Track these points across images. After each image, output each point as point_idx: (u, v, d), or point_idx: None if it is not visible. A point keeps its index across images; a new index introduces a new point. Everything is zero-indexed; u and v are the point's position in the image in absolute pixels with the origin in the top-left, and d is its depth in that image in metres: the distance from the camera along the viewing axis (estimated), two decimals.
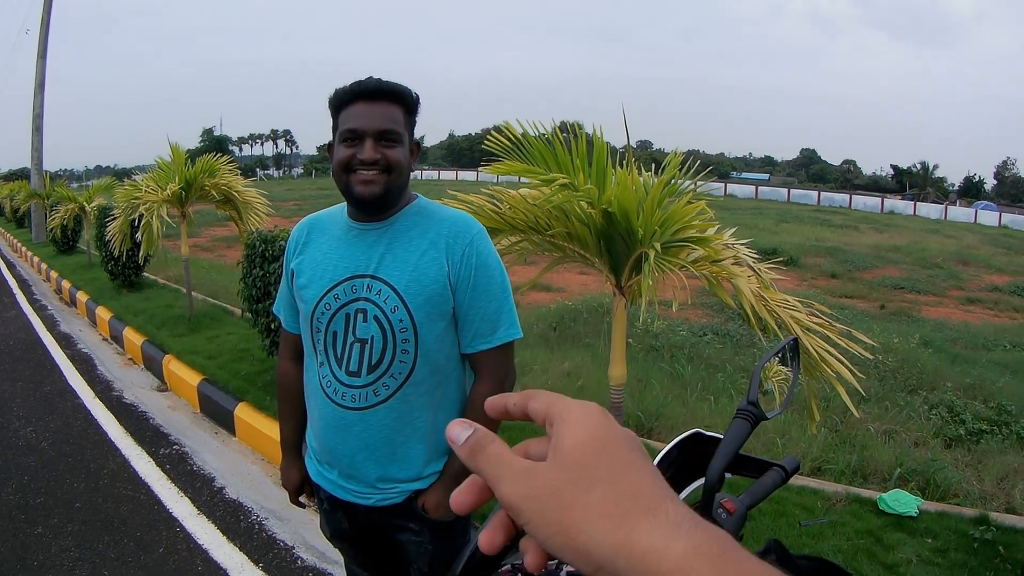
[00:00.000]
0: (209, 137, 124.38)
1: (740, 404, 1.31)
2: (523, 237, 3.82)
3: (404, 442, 2.12)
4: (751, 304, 3.31)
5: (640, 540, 0.48)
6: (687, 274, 3.46)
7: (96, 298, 11.65)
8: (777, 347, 1.42)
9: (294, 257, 2.25)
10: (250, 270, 6.88)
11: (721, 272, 3.42)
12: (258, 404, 6.07)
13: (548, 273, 4.22)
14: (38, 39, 24.15)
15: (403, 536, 2.22)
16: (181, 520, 4.65)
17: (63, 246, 19.14)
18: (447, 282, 2.05)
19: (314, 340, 2.15)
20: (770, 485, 1.33)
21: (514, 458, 0.55)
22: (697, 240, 3.31)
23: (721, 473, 1.23)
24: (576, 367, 7.66)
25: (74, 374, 8.13)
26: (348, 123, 2.02)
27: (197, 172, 9.21)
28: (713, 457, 1.26)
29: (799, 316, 3.51)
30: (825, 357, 3.49)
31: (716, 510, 1.24)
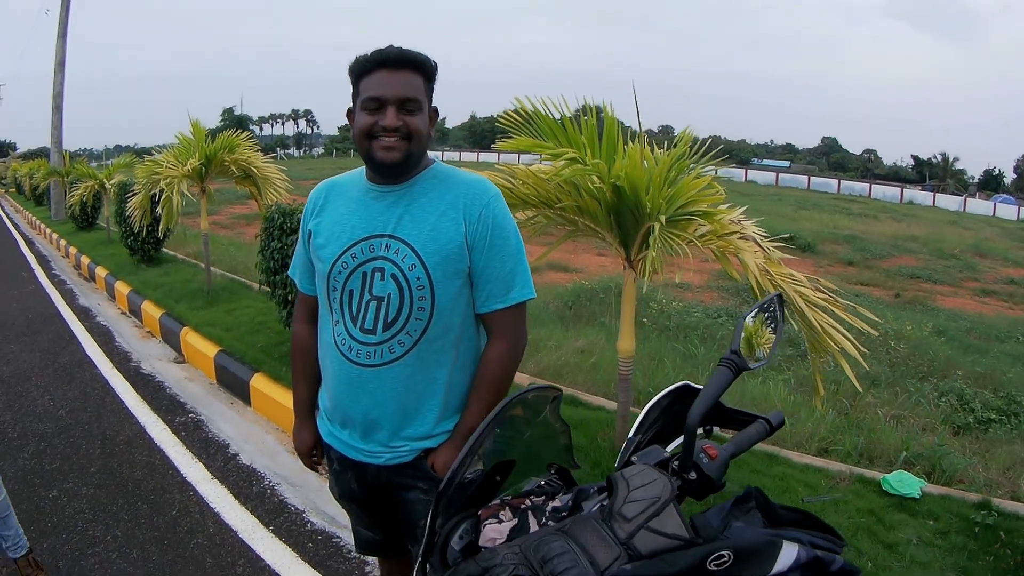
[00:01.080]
0: (229, 116, 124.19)
1: (724, 354, 1.37)
2: (536, 212, 3.89)
3: (417, 399, 2.17)
4: (756, 277, 3.37)
5: None
6: (703, 257, 3.53)
7: (115, 273, 11.76)
8: (763, 300, 1.48)
9: (312, 218, 2.30)
10: (268, 243, 6.95)
11: (728, 247, 3.49)
12: (274, 375, 6.16)
13: (567, 254, 4.30)
14: (58, 19, 24.26)
15: (411, 495, 2.26)
16: (194, 484, 4.77)
17: (82, 223, 19.26)
18: (464, 242, 2.10)
19: (330, 299, 2.20)
20: (754, 436, 1.39)
21: None
22: (703, 214, 3.37)
23: (701, 417, 1.29)
24: (590, 344, 7.71)
25: (92, 346, 8.28)
26: (370, 91, 2.06)
27: (217, 148, 9.28)
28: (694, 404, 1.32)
29: (804, 291, 3.56)
30: (829, 331, 3.54)
31: (698, 455, 1.30)
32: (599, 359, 7.01)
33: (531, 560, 1.26)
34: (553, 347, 7.44)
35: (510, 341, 2.21)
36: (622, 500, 1.31)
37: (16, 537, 3.58)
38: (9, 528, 3.56)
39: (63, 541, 4.08)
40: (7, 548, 3.57)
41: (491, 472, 1.51)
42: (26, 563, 3.61)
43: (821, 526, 1.31)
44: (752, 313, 1.44)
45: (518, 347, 2.23)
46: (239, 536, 4.15)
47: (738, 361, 1.35)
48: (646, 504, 1.29)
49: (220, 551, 4.01)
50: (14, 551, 3.58)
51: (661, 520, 1.27)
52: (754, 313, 1.45)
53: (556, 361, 6.95)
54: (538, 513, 1.45)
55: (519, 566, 1.25)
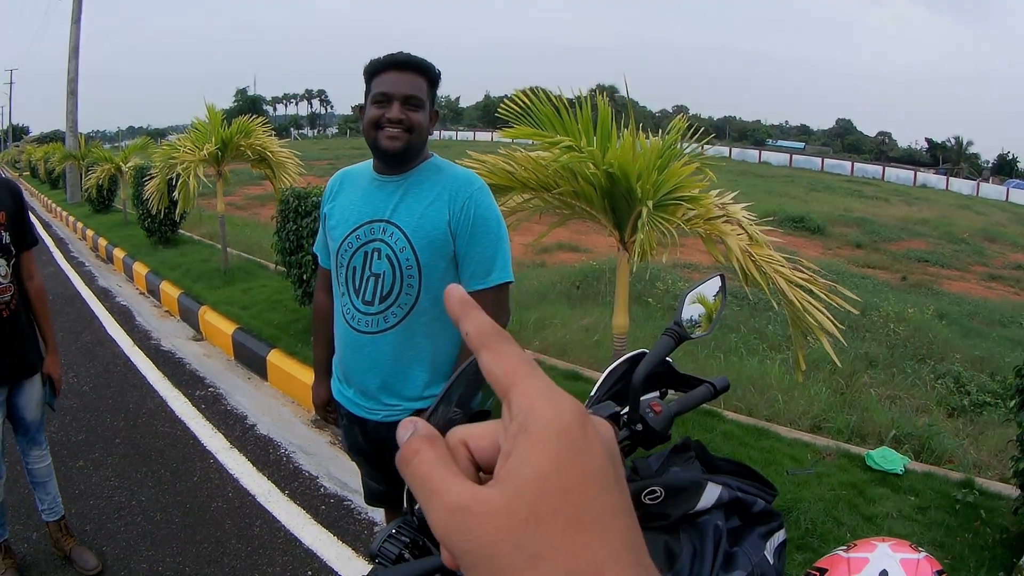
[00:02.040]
0: (243, 97, 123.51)
1: (667, 324, 1.58)
2: (534, 195, 4.10)
3: (407, 364, 2.48)
4: (739, 259, 3.57)
5: None
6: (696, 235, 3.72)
7: (133, 254, 11.93)
8: (705, 279, 1.68)
9: (328, 203, 2.64)
10: (284, 224, 7.18)
11: (713, 230, 3.69)
12: (290, 350, 6.36)
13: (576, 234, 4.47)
14: (72, 3, 24.30)
15: None
16: (214, 453, 5.02)
17: (99, 205, 19.35)
18: (448, 228, 2.39)
19: (338, 274, 2.53)
20: (699, 397, 1.60)
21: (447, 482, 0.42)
22: (691, 199, 3.57)
23: (644, 377, 1.50)
24: (594, 323, 7.86)
25: (113, 325, 8.51)
26: (380, 87, 2.37)
27: (233, 133, 9.46)
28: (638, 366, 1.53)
29: (783, 271, 3.74)
30: (809, 309, 3.73)
31: (644, 410, 1.51)
32: (602, 336, 7.16)
33: None
34: (559, 325, 7.61)
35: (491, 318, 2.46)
36: None
37: (53, 502, 3.79)
38: (48, 492, 3.77)
39: (90, 506, 4.32)
40: (43, 511, 3.79)
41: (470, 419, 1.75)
42: (57, 527, 3.82)
43: (756, 476, 1.51)
44: (694, 290, 1.65)
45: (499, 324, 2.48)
46: (256, 500, 4.39)
47: (680, 331, 1.54)
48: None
49: (239, 514, 4.25)
50: (49, 515, 3.79)
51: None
52: (697, 290, 1.66)
53: (561, 338, 7.13)
54: None
55: None
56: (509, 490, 0.40)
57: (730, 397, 5.67)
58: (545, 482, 0.39)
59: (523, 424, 0.41)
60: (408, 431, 0.46)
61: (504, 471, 0.41)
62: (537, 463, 0.40)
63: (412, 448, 0.45)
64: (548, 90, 3.81)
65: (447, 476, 0.42)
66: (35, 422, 3.63)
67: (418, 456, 0.44)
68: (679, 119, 3.78)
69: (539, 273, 10.95)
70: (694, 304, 1.63)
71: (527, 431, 0.41)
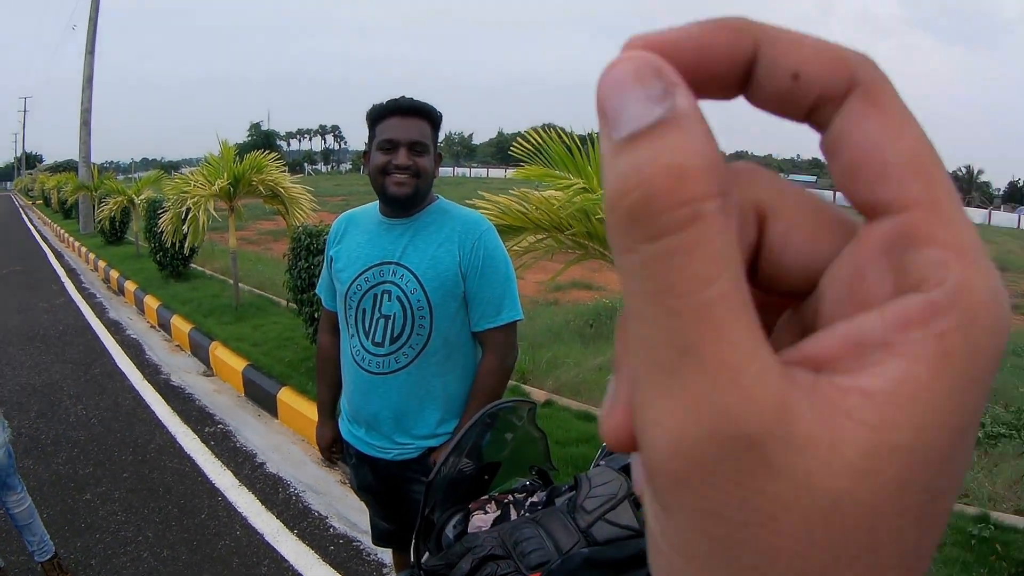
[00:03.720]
0: (256, 131, 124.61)
1: None
2: (547, 235, 4.09)
3: (419, 403, 2.50)
4: None
5: None
6: None
7: (144, 287, 11.90)
8: None
9: (333, 246, 2.66)
10: (296, 262, 7.20)
11: None
12: (300, 389, 6.33)
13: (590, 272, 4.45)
14: (86, 35, 24.50)
15: (416, 488, 2.55)
16: (223, 490, 4.99)
17: (111, 237, 19.38)
18: (458, 270, 2.42)
19: (347, 316, 2.54)
20: None
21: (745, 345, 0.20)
22: None
23: None
24: (608, 362, 7.78)
25: (123, 358, 8.48)
26: (385, 134, 2.40)
27: (245, 168, 9.45)
28: None
29: None
30: None
31: None
32: None
33: (506, 543, 1.50)
34: (572, 364, 7.55)
35: (501, 356, 2.52)
36: (584, 496, 1.57)
37: (41, 542, 3.77)
38: (34, 534, 3.75)
39: (96, 540, 4.30)
40: (33, 552, 3.77)
41: (480, 471, 1.76)
42: (51, 566, 3.80)
43: None
44: None
45: (508, 361, 2.54)
46: (264, 539, 4.36)
47: None
48: (604, 499, 1.54)
49: (246, 552, 4.22)
50: (40, 555, 3.77)
51: (617, 513, 1.52)
52: None
53: (575, 378, 7.08)
54: (518, 507, 1.70)
55: (495, 547, 1.49)
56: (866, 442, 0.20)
57: None
58: (938, 454, 0.20)
59: (943, 309, 0.20)
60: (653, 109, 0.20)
61: (867, 393, 0.20)
62: (943, 411, 0.20)
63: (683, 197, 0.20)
64: (561, 128, 3.81)
65: (734, 334, 0.20)
66: (3, 467, 3.60)
67: (694, 232, 0.20)
68: None
69: (552, 311, 10.92)
70: None
71: (945, 334, 0.20)
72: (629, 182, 0.20)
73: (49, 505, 4.65)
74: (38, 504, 3.87)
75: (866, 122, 0.23)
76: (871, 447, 0.19)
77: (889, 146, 0.22)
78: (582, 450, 4.84)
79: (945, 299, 0.20)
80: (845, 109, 0.23)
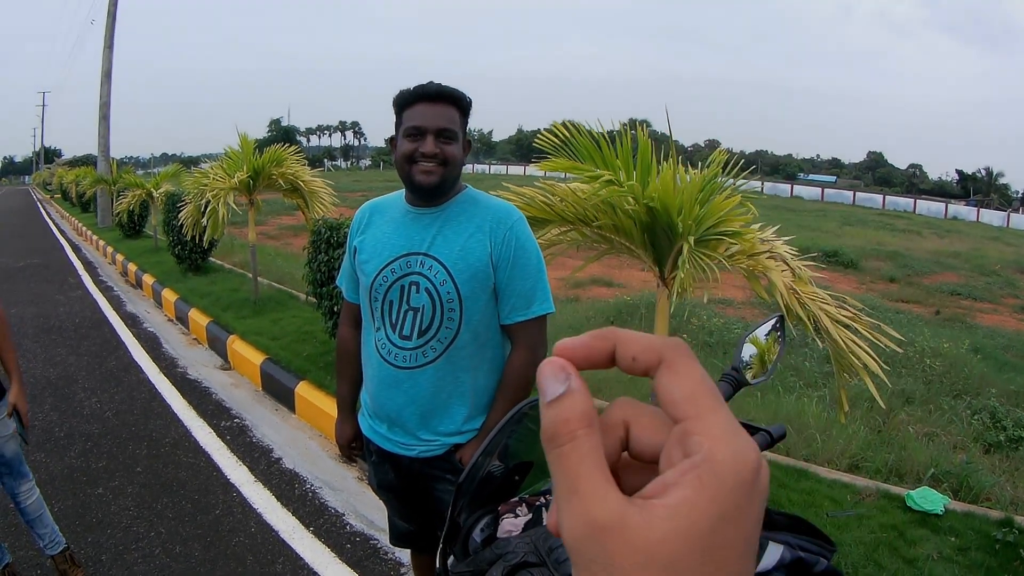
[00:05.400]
0: (276, 127, 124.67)
1: (725, 369, 1.49)
2: (572, 228, 4.01)
3: (447, 399, 2.42)
4: (783, 296, 3.46)
5: None
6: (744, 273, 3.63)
7: (162, 280, 11.95)
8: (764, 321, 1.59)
9: (357, 235, 2.57)
10: (315, 255, 7.19)
11: (756, 266, 3.58)
12: (319, 383, 6.30)
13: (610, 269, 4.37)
14: (105, 29, 24.53)
15: (441, 486, 2.50)
16: (238, 486, 4.94)
17: (129, 230, 19.53)
18: (489, 261, 2.35)
19: (372, 308, 2.45)
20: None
21: (598, 489, 0.38)
22: (732, 234, 3.47)
23: None
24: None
25: (139, 351, 8.49)
26: (412, 121, 2.31)
27: (265, 161, 9.43)
28: None
29: (828, 309, 3.64)
30: (853, 348, 3.62)
31: None
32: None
33: (539, 549, 1.40)
34: None
35: (531, 349, 2.44)
36: None
37: (52, 535, 3.74)
38: (45, 526, 3.72)
39: (107, 536, 4.26)
40: (44, 546, 3.73)
41: (511, 472, 1.67)
42: (63, 559, 3.76)
43: (814, 531, 1.41)
44: (752, 333, 1.56)
45: (538, 355, 2.44)
46: (280, 536, 4.31)
47: (738, 377, 1.46)
48: None
49: (261, 550, 4.17)
50: (51, 548, 3.74)
51: None
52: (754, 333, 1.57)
53: (595, 376, 7.02)
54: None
55: (529, 553, 1.40)
56: (660, 530, 0.37)
57: None
58: (698, 539, 0.37)
59: (697, 465, 0.38)
60: (559, 387, 0.41)
61: (661, 505, 0.37)
62: (699, 516, 0.37)
63: (568, 429, 0.40)
64: (583, 123, 3.74)
65: (600, 481, 0.38)
66: (14, 456, 3.57)
67: (573, 443, 0.39)
68: (719, 152, 3.70)
69: (573, 308, 10.87)
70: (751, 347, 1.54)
71: (699, 476, 0.37)
72: (551, 423, 0.40)
73: (60, 499, 4.63)
74: (49, 498, 3.84)
75: (665, 380, 0.41)
76: (667, 529, 0.36)
77: (676, 390, 0.40)
78: None
79: (700, 458, 0.38)
80: (658, 374, 0.42)
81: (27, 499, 3.64)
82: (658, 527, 0.36)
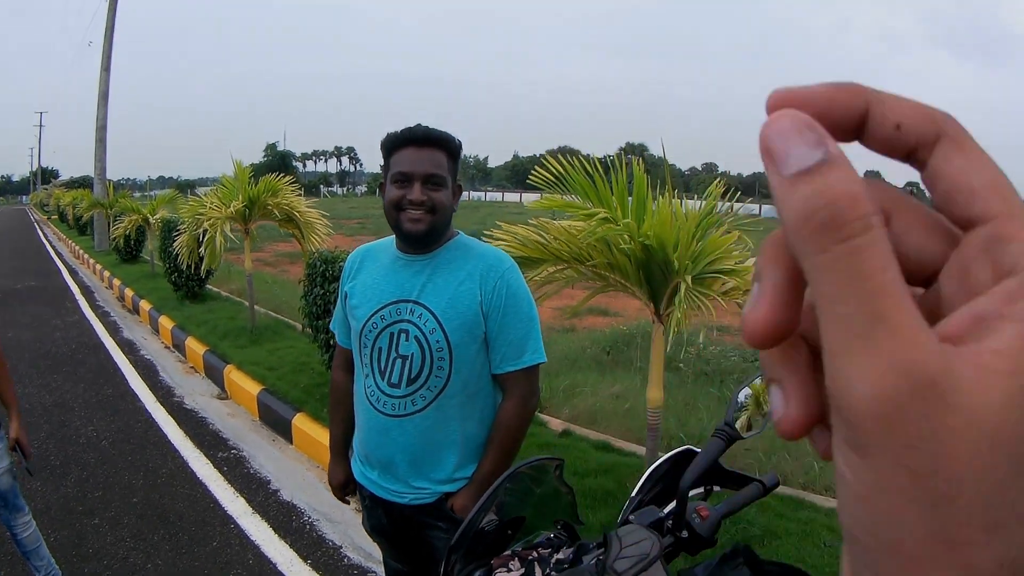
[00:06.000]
0: (272, 152, 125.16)
1: (718, 425, 1.51)
2: (567, 266, 4.03)
3: (437, 447, 2.40)
4: None
5: None
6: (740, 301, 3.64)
7: (159, 307, 11.94)
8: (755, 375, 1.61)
9: (348, 281, 2.57)
10: (311, 288, 7.18)
11: None
12: (316, 415, 6.28)
13: (607, 298, 4.37)
14: (102, 51, 24.61)
15: (433, 534, 2.47)
16: (235, 518, 4.93)
17: (126, 255, 19.48)
18: (479, 309, 2.33)
19: (362, 354, 2.45)
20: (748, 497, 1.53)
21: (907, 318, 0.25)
22: (729, 272, 3.49)
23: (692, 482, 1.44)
24: (625, 390, 7.70)
25: (136, 379, 8.47)
26: (399, 166, 2.31)
27: (260, 191, 9.41)
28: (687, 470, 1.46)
29: None
30: None
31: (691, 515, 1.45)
32: (633, 405, 7.00)
33: None
34: (589, 392, 7.47)
35: (522, 399, 2.42)
36: (614, 556, 1.49)
37: (48, 567, 3.75)
38: (41, 559, 3.72)
39: (104, 567, 4.25)
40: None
41: (503, 526, 1.68)
42: None
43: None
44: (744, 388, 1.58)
45: (530, 405, 2.45)
46: (278, 568, 4.31)
47: (730, 432, 1.49)
48: (635, 560, 1.46)
49: None
50: None
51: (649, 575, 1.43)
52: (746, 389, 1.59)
53: (591, 407, 6.99)
54: (543, 564, 1.62)
55: None
56: (1001, 392, 0.25)
57: (764, 465, 5.53)
58: None
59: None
60: (815, 152, 0.27)
61: (990, 352, 0.25)
62: None
63: (859, 213, 0.26)
64: (577, 150, 3.75)
65: (907, 306, 0.26)
66: (9, 489, 3.56)
67: (869, 236, 0.26)
68: (716, 184, 3.72)
69: (569, 338, 10.82)
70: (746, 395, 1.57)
71: None
72: (817, 202, 0.26)
73: (56, 529, 4.63)
74: (45, 527, 3.84)
75: (956, 161, 0.30)
76: (1009, 389, 0.25)
77: (975, 176, 0.30)
78: (600, 481, 4.77)
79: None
80: (938, 152, 0.30)
81: (24, 531, 3.64)
82: (997, 387, 0.25)
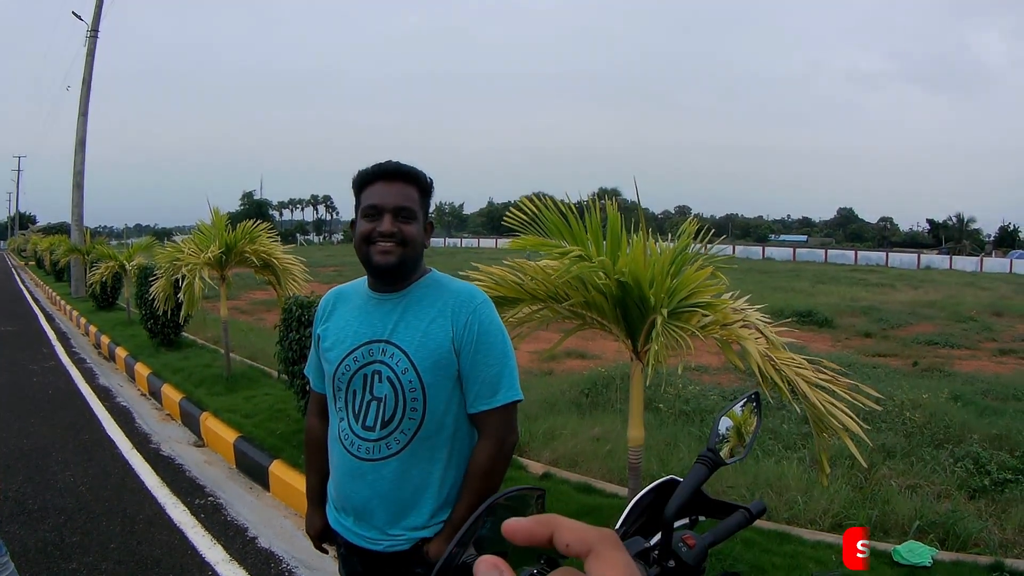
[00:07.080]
0: (249, 200, 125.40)
1: (701, 451, 1.47)
2: (543, 306, 4.00)
3: (413, 492, 2.32)
4: (759, 364, 3.46)
5: None
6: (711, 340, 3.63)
7: (135, 354, 11.90)
8: (739, 399, 1.58)
9: (321, 324, 2.51)
10: (287, 333, 7.16)
11: (730, 335, 3.58)
12: (292, 462, 6.24)
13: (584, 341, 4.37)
14: (79, 98, 24.71)
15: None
16: (213, 565, 4.87)
17: (102, 302, 19.47)
18: (451, 346, 2.27)
19: (336, 398, 2.39)
20: (734, 525, 1.49)
21: None
22: (706, 306, 3.47)
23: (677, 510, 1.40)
24: (605, 432, 7.69)
25: (112, 425, 8.41)
26: (370, 200, 2.27)
27: (237, 237, 9.40)
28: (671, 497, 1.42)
29: (805, 373, 3.64)
30: (831, 411, 3.62)
31: (677, 544, 1.41)
32: (614, 446, 6.99)
33: None
34: (569, 435, 7.45)
35: (498, 440, 2.35)
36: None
37: None
38: None
39: None
40: None
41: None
42: None
43: None
44: (726, 413, 1.55)
45: (506, 445, 2.37)
46: None
47: (714, 458, 1.45)
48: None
49: None
50: None
51: None
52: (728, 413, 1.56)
53: (572, 449, 6.96)
54: None
55: None
56: None
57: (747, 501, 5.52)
58: None
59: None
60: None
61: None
62: None
63: None
64: (551, 196, 3.75)
65: None
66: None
67: None
68: (689, 222, 3.72)
69: (547, 382, 10.80)
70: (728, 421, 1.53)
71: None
72: None
73: (35, 573, 4.58)
74: (23, 571, 3.78)
75: (594, 568, 0.52)
76: None
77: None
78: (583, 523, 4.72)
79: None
80: (589, 560, 0.53)
81: (2, 573, 3.56)
82: None
